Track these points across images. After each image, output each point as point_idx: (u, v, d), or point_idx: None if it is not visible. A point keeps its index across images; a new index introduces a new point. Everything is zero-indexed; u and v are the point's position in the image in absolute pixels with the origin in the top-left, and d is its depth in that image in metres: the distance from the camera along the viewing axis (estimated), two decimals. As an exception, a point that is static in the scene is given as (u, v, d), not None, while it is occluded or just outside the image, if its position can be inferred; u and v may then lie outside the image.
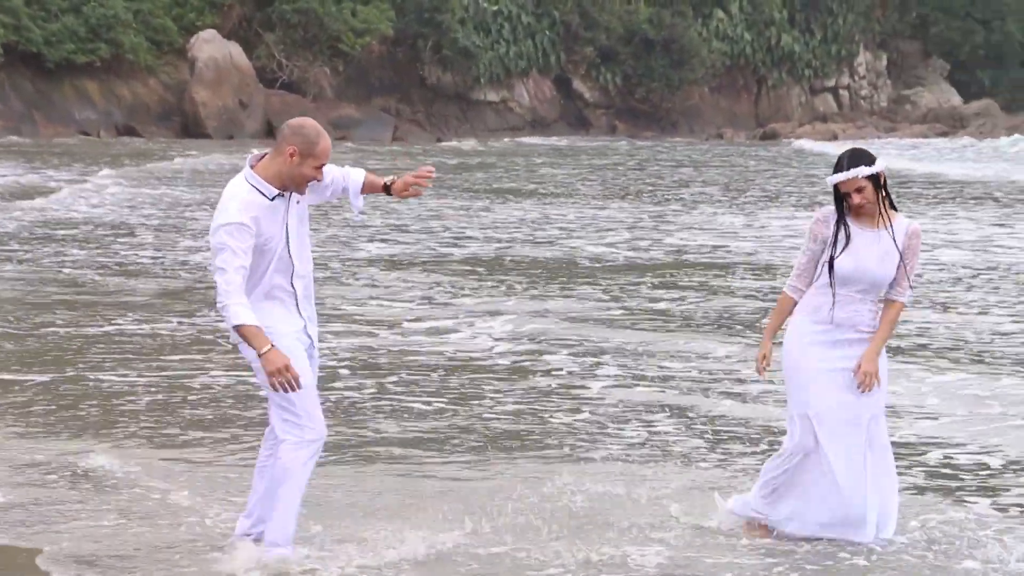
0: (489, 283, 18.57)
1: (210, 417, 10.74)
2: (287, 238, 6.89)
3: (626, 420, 10.79)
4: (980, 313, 16.18)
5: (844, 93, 77.46)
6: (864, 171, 6.98)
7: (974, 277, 19.35)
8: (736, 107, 75.87)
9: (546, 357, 13.29)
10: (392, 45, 69.29)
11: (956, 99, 78.23)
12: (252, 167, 6.92)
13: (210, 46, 63.37)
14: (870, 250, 7.10)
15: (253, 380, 11.61)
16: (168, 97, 64.19)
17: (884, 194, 7.10)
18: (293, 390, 6.62)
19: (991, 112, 74.32)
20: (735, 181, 40.17)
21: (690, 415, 10.97)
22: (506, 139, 66.77)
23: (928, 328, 15.01)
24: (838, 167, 7.10)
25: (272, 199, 6.84)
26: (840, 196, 7.13)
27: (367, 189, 7.29)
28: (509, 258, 21.69)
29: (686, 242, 24.09)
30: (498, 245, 23.43)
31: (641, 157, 53.92)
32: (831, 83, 77.00)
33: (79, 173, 37.12)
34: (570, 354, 13.44)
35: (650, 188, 37.44)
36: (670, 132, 73.19)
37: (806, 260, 7.28)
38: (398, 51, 69.40)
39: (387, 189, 7.27)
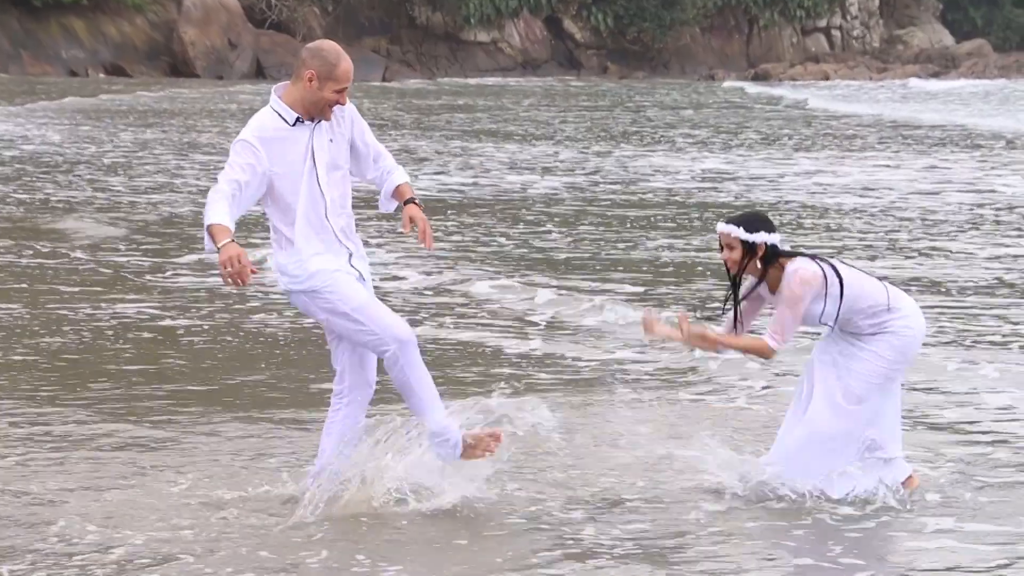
0: (451, 223, 18.65)
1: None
2: (315, 171, 6.73)
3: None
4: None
5: (836, 33, 77.07)
6: (734, 231, 7.08)
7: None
8: (728, 48, 75.58)
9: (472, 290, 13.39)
10: (381, -16, 69.07)
11: (948, 39, 77.85)
12: (279, 96, 6.78)
13: (198, -15, 63.15)
14: (758, 308, 7.33)
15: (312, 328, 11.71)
16: (156, 36, 63.97)
17: (762, 265, 7.13)
18: (240, 283, 6.41)
19: (983, 52, 73.98)
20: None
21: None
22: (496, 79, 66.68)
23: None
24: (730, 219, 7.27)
25: (293, 124, 6.71)
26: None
27: (397, 196, 7.05)
28: (469, 198, 21.74)
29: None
30: (459, 183, 23.48)
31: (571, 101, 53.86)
32: (823, 23, 76.61)
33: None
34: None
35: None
36: (661, 73, 72.98)
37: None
38: (387, -10, 69.18)
39: (408, 202, 7.01)
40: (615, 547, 6.54)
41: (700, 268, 14.55)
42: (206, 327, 11.44)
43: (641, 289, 13.37)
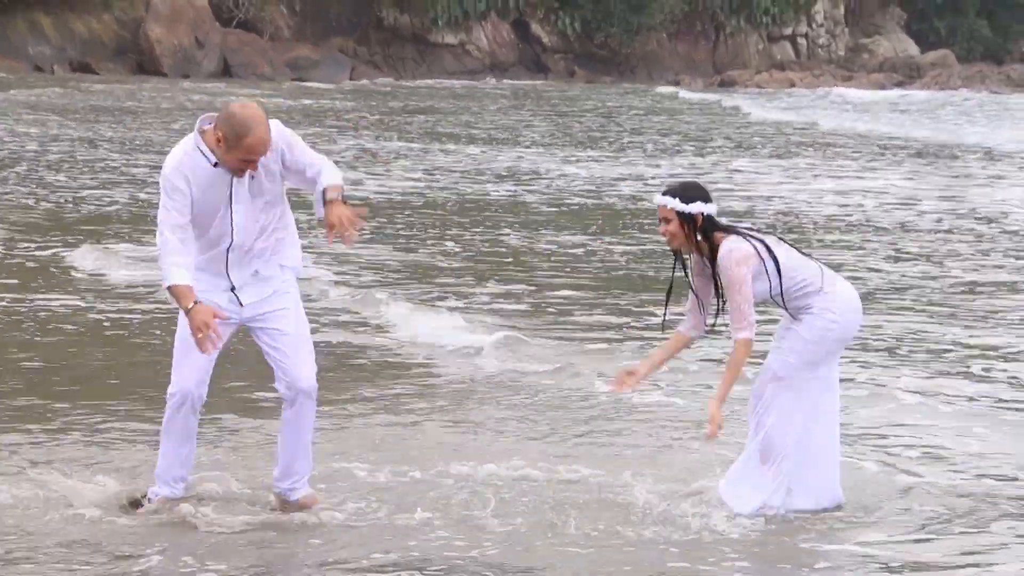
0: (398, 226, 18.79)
1: None
2: (231, 210, 6.70)
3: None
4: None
5: (802, 41, 77.38)
6: (670, 202, 7.00)
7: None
8: (694, 54, 75.80)
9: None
10: (349, -15, 69.06)
11: (913, 48, 78.24)
12: (202, 131, 6.70)
13: (165, -18, 63.06)
14: (709, 284, 7.16)
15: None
16: (123, 33, 63.85)
17: (699, 236, 7.02)
18: (207, 350, 6.52)
19: (947, 62, 74.35)
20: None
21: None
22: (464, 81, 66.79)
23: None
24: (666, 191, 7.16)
25: (215, 165, 6.64)
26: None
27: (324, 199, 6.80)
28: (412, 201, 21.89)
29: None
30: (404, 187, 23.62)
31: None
32: (789, 31, 76.92)
33: None
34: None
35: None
36: (628, 78, 73.15)
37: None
38: (355, -9, 69.17)
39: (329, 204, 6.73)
40: (471, 552, 6.65)
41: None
42: (135, 320, 11.54)
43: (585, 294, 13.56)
